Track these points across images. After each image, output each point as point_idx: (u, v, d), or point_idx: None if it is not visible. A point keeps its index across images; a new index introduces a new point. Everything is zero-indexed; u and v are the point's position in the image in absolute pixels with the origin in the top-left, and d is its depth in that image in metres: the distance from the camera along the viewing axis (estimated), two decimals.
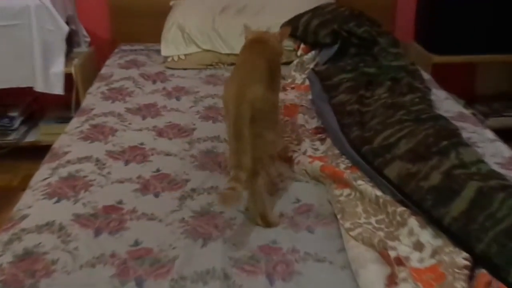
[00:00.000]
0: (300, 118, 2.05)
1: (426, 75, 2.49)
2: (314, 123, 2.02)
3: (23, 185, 1.62)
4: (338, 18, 2.52)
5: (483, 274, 1.14)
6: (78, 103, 2.49)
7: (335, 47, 2.40)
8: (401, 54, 2.42)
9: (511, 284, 1.11)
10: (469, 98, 3.08)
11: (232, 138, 1.32)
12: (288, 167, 1.70)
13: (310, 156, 1.76)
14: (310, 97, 2.23)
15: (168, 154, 1.83)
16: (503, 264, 1.14)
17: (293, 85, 2.39)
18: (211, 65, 2.68)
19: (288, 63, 2.53)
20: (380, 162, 1.58)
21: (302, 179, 1.69)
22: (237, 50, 1.71)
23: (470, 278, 1.14)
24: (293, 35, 2.53)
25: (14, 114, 2.85)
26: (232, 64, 2.52)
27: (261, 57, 1.43)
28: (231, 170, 1.30)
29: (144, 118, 2.13)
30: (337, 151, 1.79)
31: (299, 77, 2.47)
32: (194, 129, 2.03)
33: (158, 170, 1.73)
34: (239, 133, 1.31)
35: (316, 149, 1.86)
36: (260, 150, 1.30)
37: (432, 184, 1.41)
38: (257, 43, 1.53)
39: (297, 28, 2.54)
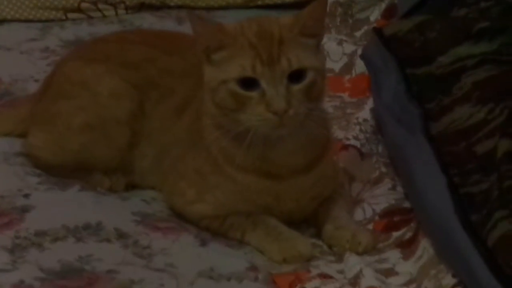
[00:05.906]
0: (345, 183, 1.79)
1: None
2: (382, 199, 1.66)
3: None
4: None
5: None
6: None
7: None
8: None
9: None
10: None
11: None
12: None
13: None
14: (366, 114, 1.92)
15: None
16: None
17: None
18: (79, 10, 2.35)
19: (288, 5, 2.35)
20: None
21: None
22: None
23: None
24: None
25: None
26: (149, 4, 2.38)
27: None
28: None
29: None
30: (448, 279, 1.41)
31: (336, 54, 2.19)
32: (25, 209, 1.60)
33: None
34: None
35: (390, 271, 1.52)
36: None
37: None
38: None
39: None
